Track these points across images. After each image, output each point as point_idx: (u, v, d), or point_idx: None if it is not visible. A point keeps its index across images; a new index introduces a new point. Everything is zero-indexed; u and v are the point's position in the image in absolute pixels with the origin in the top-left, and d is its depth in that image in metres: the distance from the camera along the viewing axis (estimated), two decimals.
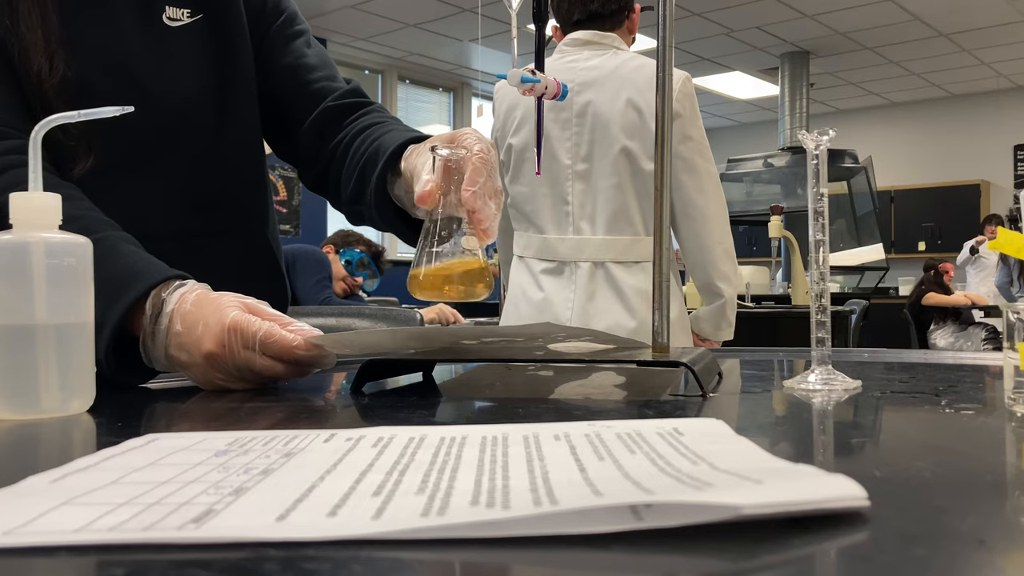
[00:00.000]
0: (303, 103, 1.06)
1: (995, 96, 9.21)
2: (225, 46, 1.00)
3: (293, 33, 1.08)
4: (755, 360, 1.06)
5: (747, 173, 7.72)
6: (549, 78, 0.80)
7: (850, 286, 7.39)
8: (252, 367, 0.73)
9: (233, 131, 1.02)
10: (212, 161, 0.99)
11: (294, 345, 0.72)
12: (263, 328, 0.72)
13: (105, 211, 0.84)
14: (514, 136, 1.98)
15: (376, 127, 1.00)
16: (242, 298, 0.76)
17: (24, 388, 0.60)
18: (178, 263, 0.83)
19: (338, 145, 1.03)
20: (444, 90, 8.74)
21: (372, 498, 0.33)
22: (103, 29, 0.93)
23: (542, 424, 0.49)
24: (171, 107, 0.95)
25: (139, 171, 0.94)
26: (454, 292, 0.75)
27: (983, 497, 0.36)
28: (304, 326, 0.75)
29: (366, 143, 0.98)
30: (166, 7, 0.96)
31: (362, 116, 1.04)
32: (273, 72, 1.06)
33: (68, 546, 0.29)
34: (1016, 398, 0.58)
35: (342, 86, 1.08)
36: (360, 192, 0.97)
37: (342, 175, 1.01)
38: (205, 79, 0.99)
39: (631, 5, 2.07)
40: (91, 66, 0.91)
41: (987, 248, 5.80)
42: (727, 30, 7.24)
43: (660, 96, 0.85)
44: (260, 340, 0.72)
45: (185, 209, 0.97)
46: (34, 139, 0.61)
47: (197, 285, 0.77)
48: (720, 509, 0.29)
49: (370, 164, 0.94)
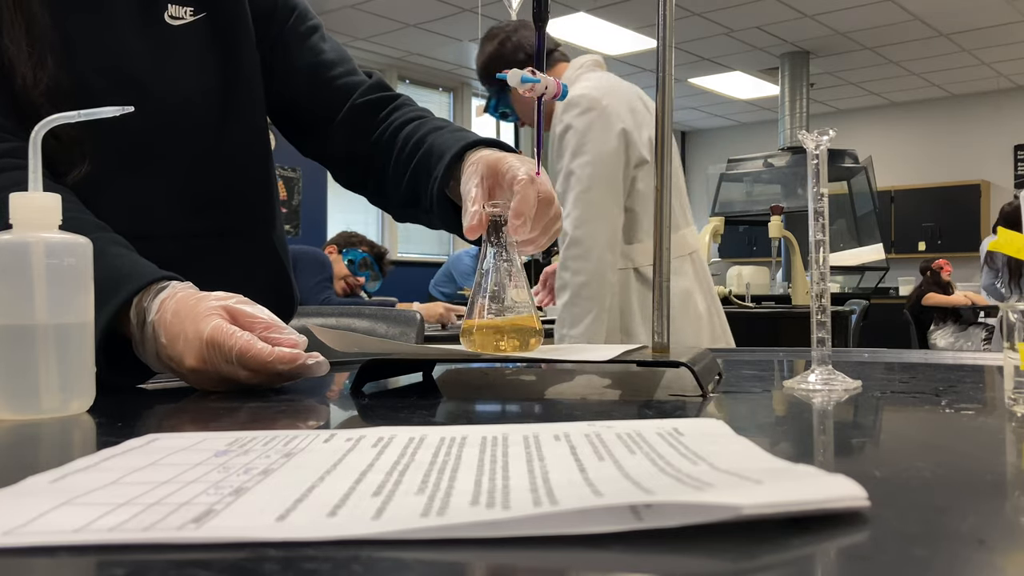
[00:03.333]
0: (328, 102, 1.05)
1: (995, 96, 9.21)
2: (228, 45, 1.00)
3: (307, 30, 1.07)
4: (755, 360, 1.06)
5: (747, 173, 7.72)
6: (549, 78, 0.80)
7: (850, 286, 7.39)
8: (236, 379, 0.72)
9: (236, 131, 1.01)
10: (214, 161, 0.99)
11: (268, 361, 0.70)
12: (238, 344, 0.70)
13: (104, 210, 0.84)
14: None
15: (417, 123, 0.99)
16: (225, 299, 0.74)
17: (24, 388, 0.60)
18: (181, 264, 0.83)
19: (376, 143, 1.02)
20: (444, 90, 8.73)
21: (372, 498, 0.33)
22: (100, 30, 0.92)
23: (542, 424, 0.49)
24: (171, 106, 0.94)
25: (139, 170, 0.94)
26: (509, 346, 0.76)
27: (983, 497, 0.36)
28: (292, 333, 0.73)
29: (412, 142, 0.97)
30: (168, 5, 0.95)
31: (395, 111, 1.04)
32: (292, 72, 1.06)
33: (68, 546, 0.29)
34: (1016, 398, 0.58)
35: (364, 80, 1.07)
36: (415, 196, 0.96)
37: (388, 177, 1.00)
38: (208, 78, 0.98)
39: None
40: (87, 67, 0.90)
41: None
42: (727, 30, 7.24)
43: (660, 96, 0.85)
44: (236, 357, 0.70)
45: (186, 209, 0.97)
46: (34, 139, 0.61)
47: (179, 287, 0.75)
48: (720, 509, 0.29)
49: (423, 166, 0.93)
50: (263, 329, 0.72)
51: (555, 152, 1.96)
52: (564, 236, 1.89)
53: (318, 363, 0.73)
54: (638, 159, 1.95)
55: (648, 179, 1.99)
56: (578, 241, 1.87)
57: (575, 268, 1.88)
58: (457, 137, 0.91)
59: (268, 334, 0.72)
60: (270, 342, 0.72)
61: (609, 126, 1.90)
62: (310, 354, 0.73)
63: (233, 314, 0.73)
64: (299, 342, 0.73)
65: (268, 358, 0.70)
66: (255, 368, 0.71)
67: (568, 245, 1.89)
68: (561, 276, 1.91)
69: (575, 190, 1.88)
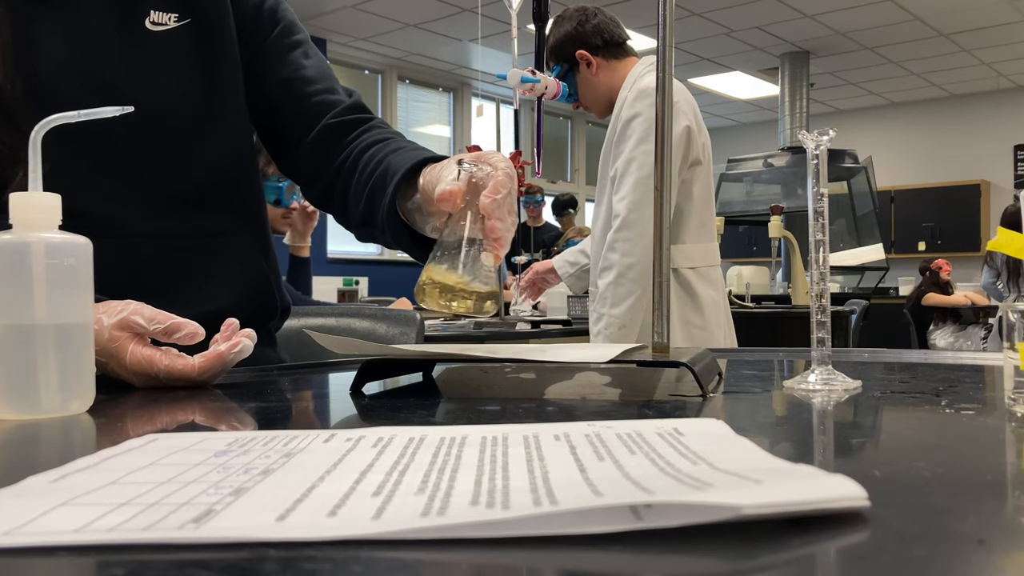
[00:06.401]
0: (302, 119, 1.05)
1: (995, 96, 9.21)
2: (211, 52, 1.00)
3: (290, 44, 1.07)
4: (755, 360, 1.06)
5: (747, 173, 7.71)
6: (549, 78, 0.80)
7: (850, 286, 7.39)
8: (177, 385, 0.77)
9: (217, 135, 1.01)
10: (193, 164, 0.99)
11: (196, 377, 0.76)
12: (162, 367, 0.75)
13: (79, 207, 0.83)
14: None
15: (381, 145, 0.99)
16: (118, 315, 0.76)
17: (24, 388, 0.60)
18: (158, 263, 0.84)
19: (342, 164, 1.02)
20: (444, 90, 8.73)
21: (372, 498, 0.33)
22: (70, 33, 0.92)
23: (542, 424, 0.49)
24: (147, 110, 0.93)
25: (113, 170, 0.94)
26: (462, 307, 0.75)
27: (983, 497, 0.36)
28: (189, 325, 0.75)
29: (372, 163, 0.97)
30: (151, 12, 0.96)
31: (364, 133, 1.03)
32: (271, 85, 1.05)
33: (68, 546, 0.29)
34: (1016, 398, 0.58)
35: (342, 99, 1.06)
36: (370, 213, 0.96)
37: (349, 195, 1.00)
38: (188, 84, 0.98)
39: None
40: (55, 71, 0.91)
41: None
42: (727, 30, 7.24)
43: (660, 96, 0.85)
44: (165, 377, 0.76)
45: (163, 210, 0.96)
46: (33, 139, 0.61)
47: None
48: (720, 509, 0.29)
49: (379, 185, 0.94)
50: (164, 335, 0.75)
51: (616, 138, 2.01)
52: (616, 218, 1.94)
53: (239, 351, 0.77)
54: (694, 159, 2.01)
55: (700, 181, 2.04)
56: (631, 224, 1.92)
57: (624, 250, 1.93)
58: (413, 156, 0.91)
59: (172, 337, 0.75)
60: (177, 338, 0.75)
61: (676, 121, 1.96)
62: (230, 346, 0.77)
63: (133, 329, 0.76)
64: (199, 334, 0.75)
65: (196, 376, 0.76)
66: (187, 382, 0.77)
67: (620, 227, 1.93)
68: (608, 257, 1.96)
69: (635, 175, 1.93)
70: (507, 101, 8.62)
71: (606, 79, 2.14)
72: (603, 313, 1.95)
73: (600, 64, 2.14)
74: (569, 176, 9.83)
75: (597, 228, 2.09)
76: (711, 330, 2.02)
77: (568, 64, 2.14)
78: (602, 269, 1.98)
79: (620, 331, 1.92)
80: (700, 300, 2.02)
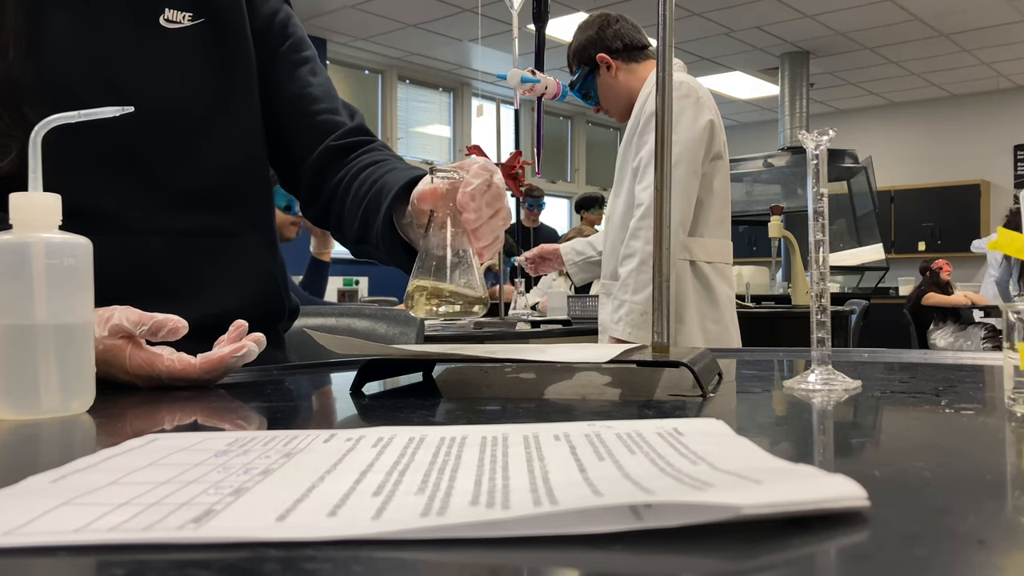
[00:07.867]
0: (306, 138, 1.06)
1: (995, 96, 9.20)
2: (225, 53, 1.00)
3: (299, 59, 1.08)
4: (755, 360, 1.06)
5: (747, 173, 7.70)
6: (549, 78, 0.80)
7: (850, 286, 7.38)
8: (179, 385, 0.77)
9: (229, 135, 1.01)
10: (204, 163, 0.99)
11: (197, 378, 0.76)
12: (163, 369, 0.75)
13: (85, 202, 0.84)
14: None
15: (376, 166, 1.01)
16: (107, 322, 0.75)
17: (24, 388, 0.60)
18: (167, 261, 0.84)
19: (339, 184, 1.03)
20: (444, 90, 8.73)
21: (372, 498, 0.33)
22: (83, 26, 0.92)
23: (542, 424, 0.49)
24: (156, 108, 0.94)
25: (122, 166, 0.94)
26: (450, 310, 0.77)
27: (983, 497, 0.36)
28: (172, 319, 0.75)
29: (367, 183, 0.98)
30: (166, 9, 0.96)
31: (362, 155, 1.05)
32: (276, 99, 1.06)
33: (68, 546, 0.29)
34: (1016, 398, 0.58)
35: (344, 121, 1.07)
36: (365, 230, 0.97)
37: (344, 214, 1.02)
38: (201, 82, 0.98)
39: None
40: (66, 62, 0.91)
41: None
42: (727, 30, 7.24)
43: (660, 96, 0.85)
44: (167, 379, 0.76)
45: (172, 207, 0.96)
46: (34, 139, 0.61)
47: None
48: (720, 509, 0.29)
49: (373, 203, 0.95)
50: (151, 335, 0.75)
51: (640, 129, 2.03)
52: (639, 206, 1.95)
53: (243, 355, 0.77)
54: (716, 153, 2.03)
55: (720, 175, 2.06)
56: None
57: (647, 237, 1.93)
58: (408, 174, 0.93)
59: (158, 336, 0.75)
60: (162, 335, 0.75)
61: (700, 114, 2.00)
62: (234, 349, 0.76)
63: (125, 333, 0.75)
64: (180, 328, 0.75)
65: (196, 376, 0.76)
66: (189, 382, 0.77)
67: (643, 215, 1.94)
68: (631, 244, 1.96)
69: None
70: (507, 101, 8.62)
71: (625, 81, 2.17)
72: (624, 300, 1.95)
73: (619, 67, 2.15)
74: (569, 176, 9.82)
75: (615, 219, 2.09)
76: (726, 325, 2.03)
77: (589, 67, 2.16)
78: (624, 256, 1.98)
79: (642, 317, 1.92)
80: (716, 295, 2.03)
